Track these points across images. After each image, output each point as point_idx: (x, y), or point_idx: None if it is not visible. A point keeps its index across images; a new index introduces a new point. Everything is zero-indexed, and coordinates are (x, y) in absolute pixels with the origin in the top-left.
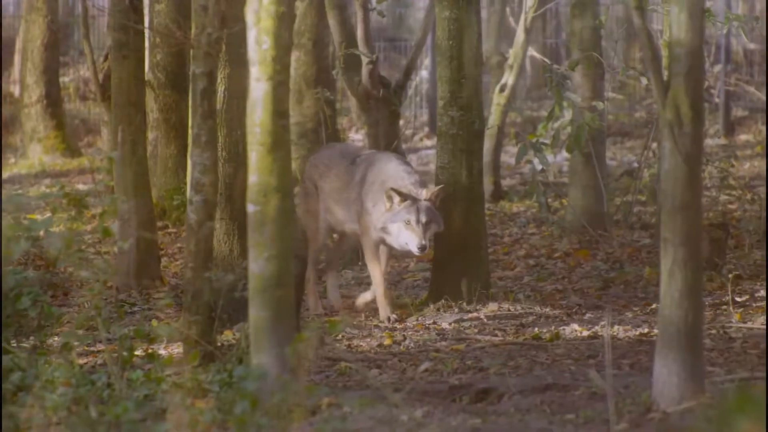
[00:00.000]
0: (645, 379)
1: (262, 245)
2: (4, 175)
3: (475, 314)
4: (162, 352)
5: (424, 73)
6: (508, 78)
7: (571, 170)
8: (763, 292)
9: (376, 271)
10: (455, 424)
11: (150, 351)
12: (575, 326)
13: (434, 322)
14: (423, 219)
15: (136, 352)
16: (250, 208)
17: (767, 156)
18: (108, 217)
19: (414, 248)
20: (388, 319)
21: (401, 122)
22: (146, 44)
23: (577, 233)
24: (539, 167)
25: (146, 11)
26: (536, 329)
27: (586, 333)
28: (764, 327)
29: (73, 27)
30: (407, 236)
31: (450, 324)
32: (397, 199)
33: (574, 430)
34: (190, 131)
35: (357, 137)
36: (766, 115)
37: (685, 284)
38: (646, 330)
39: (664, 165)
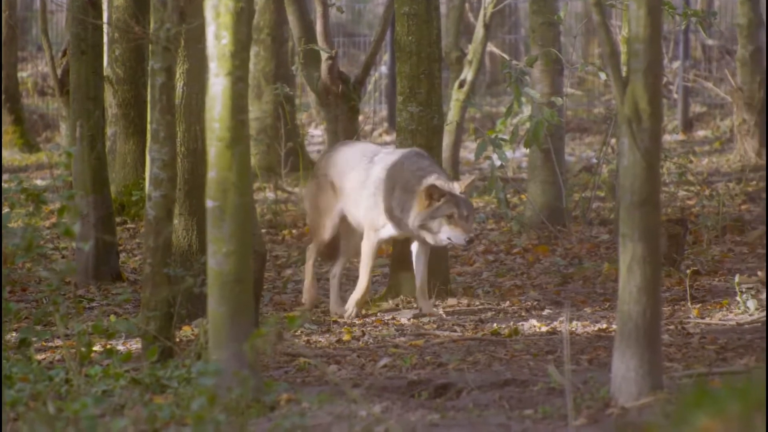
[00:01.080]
0: (603, 374)
1: (220, 241)
2: None
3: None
4: (120, 347)
5: (383, 69)
6: (467, 74)
7: (530, 166)
8: (720, 287)
9: (367, 268)
10: (414, 420)
11: (108, 347)
12: (534, 322)
13: (393, 318)
14: (465, 212)
15: (95, 348)
16: (209, 203)
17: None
18: (69, 215)
19: (461, 242)
20: (352, 314)
21: (360, 118)
22: (105, 39)
23: (536, 229)
24: (498, 163)
25: (105, 6)
26: (495, 325)
27: (544, 328)
28: (721, 322)
29: (31, 22)
30: (449, 230)
31: (409, 320)
32: (436, 194)
33: (533, 425)
34: (148, 126)
35: (316, 133)
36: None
37: (644, 280)
38: (604, 325)
39: (623, 161)
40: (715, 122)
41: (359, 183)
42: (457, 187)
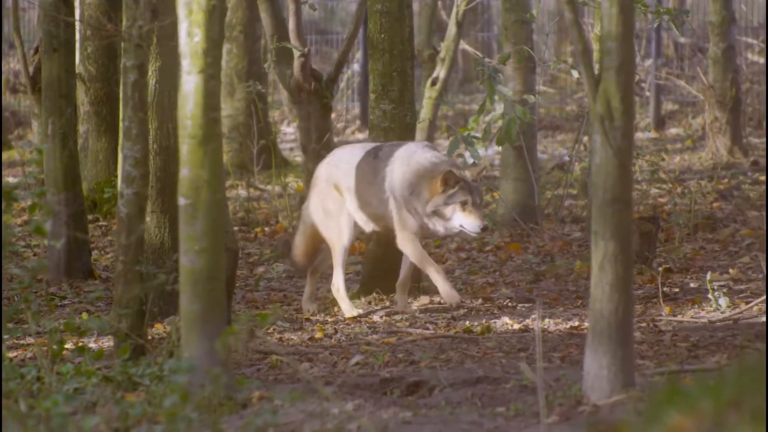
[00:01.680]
0: (576, 372)
1: (193, 238)
2: None
3: None
4: (92, 345)
5: (355, 67)
6: (440, 71)
7: (502, 164)
8: (692, 286)
9: (426, 259)
10: (386, 417)
11: (80, 344)
12: (506, 319)
13: (366, 315)
14: (478, 200)
15: (66, 346)
16: (182, 201)
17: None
18: (40, 213)
19: (475, 229)
20: (452, 300)
21: (333, 115)
22: (77, 37)
23: (508, 226)
24: (471, 161)
25: (77, 3)
26: (467, 322)
27: (517, 326)
28: (693, 320)
29: (2, 19)
30: (462, 218)
31: (381, 317)
32: (451, 180)
33: (505, 422)
34: (121, 124)
35: (289, 130)
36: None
37: (616, 277)
38: (576, 323)
39: (595, 158)
40: (687, 120)
41: (366, 181)
42: (469, 175)
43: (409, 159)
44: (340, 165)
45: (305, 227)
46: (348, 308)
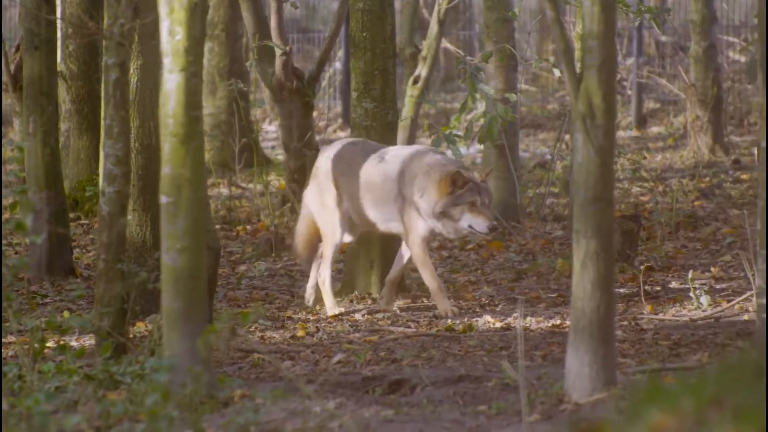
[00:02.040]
0: (557, 370)
1: (174, 237)
2: None
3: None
4: (74, 343)
5: (337, 65)
6: (422, 70)
7: (484, 162)
8: (674, 284)
9: (428, 266)
10: (368, 416)
11: (62, 343)
12: (488, 318)
13: (348, 314)
14: (486, 200)
15: (48, 344)
16: (163, 199)
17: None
18: (21, 211)
19: (483, 229)
20: (446, 312)
21: (315, 114)
22: (58, 35)
23: None
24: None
25: (58, 1)
26: (449, 321)
27: (498, 324)
28: (675, 318)
29: None
30: (471, 218)
31: (363, 315)
32: (460, 181)
33: (487, 421)
34: (102, 122)
35: (270, 128)
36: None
37: (597, 276)
38: (558, 321)
39: (577, 157)
40: (669, 119)
41: (376, 182)
42: (477, 176)
43: (417, 161)
44: (340, 163)
45: (306, 217)
46: (331, 305)
